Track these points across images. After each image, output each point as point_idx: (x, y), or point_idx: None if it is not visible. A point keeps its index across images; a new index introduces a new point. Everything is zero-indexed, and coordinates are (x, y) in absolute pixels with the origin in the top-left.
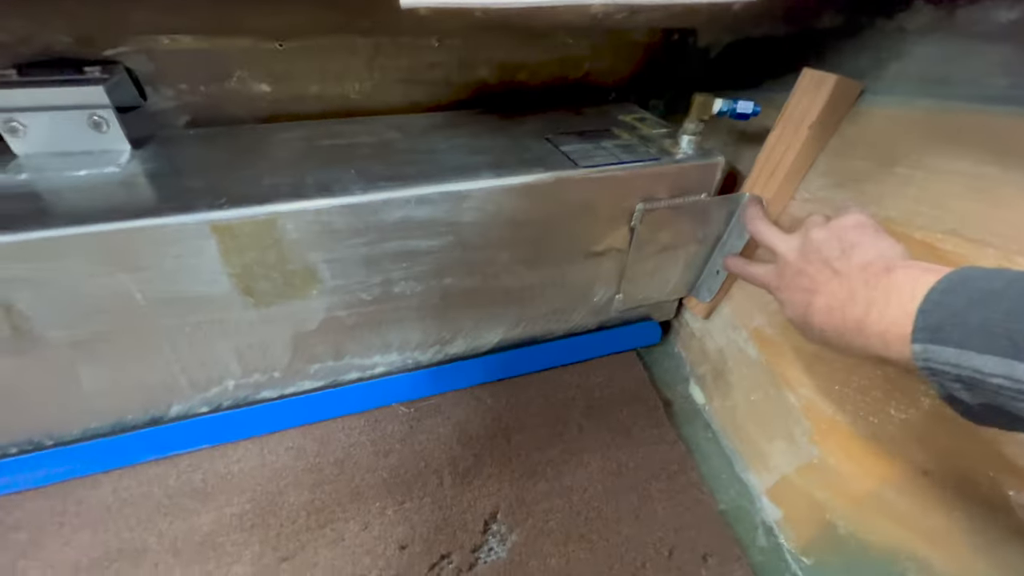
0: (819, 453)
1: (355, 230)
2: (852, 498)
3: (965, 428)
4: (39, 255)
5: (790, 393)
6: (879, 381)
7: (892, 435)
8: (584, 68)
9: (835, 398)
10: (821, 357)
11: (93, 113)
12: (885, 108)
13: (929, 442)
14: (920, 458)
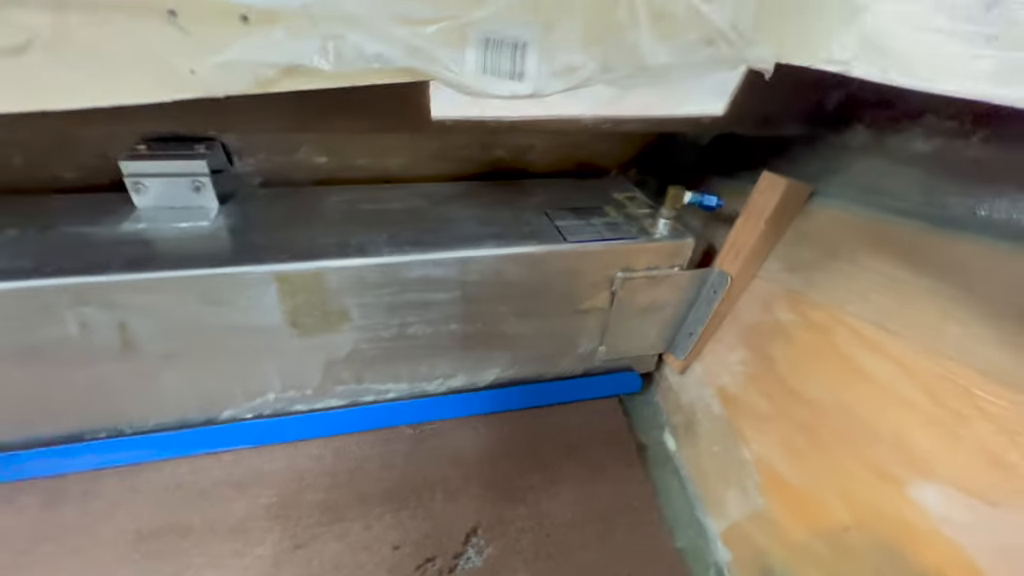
0: (764, 504)
1: (382, 283)
2: (788, 546)
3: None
4: (150, 289)
5: (745, 448)
6: (813, 445)
7: (821, 493)
8: (586, 152)
9: (780, 456)
10: (771, 419)
11: (195, 180)
12: (830, 209)
13: (850, 502)
14: (842, 515)
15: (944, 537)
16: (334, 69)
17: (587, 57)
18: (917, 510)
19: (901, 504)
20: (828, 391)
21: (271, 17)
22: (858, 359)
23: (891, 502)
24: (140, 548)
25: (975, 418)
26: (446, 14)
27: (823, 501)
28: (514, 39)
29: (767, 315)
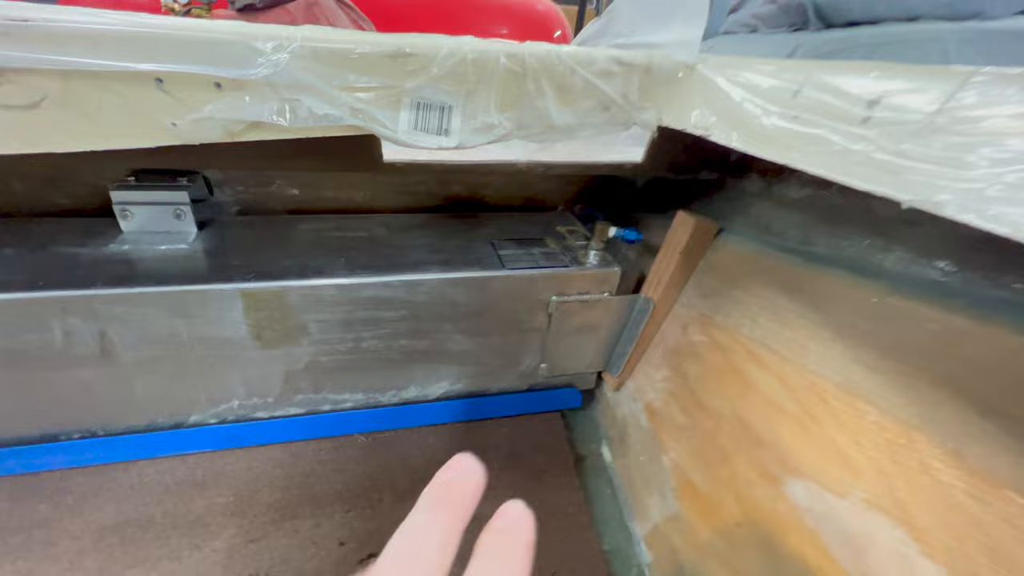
0: (679, 507)
1: (337, 301)
2: (695, 545)
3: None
4: (129, 302)
5: (664, 456)
6: (716, 453)
7: (721, 495)
8: (534, 190)
9: (691, 463)
10: (685, 429)
11: (177, 208)
12: (732, 245)
13: (741, 500)
14: (735, 513)
15: (806, 526)
16: (290, 125)
17: (503, 118)
18: (788, 504)
19: (777, 499)
20: (727, 403)
21: (239, 85)
22: (749, 374)
23: (769, 498)
24: (104, 540)
25: (830, 423)
26: (383, 84)
27: (722, 501)
28: (440, 103)
29: (684, 337)
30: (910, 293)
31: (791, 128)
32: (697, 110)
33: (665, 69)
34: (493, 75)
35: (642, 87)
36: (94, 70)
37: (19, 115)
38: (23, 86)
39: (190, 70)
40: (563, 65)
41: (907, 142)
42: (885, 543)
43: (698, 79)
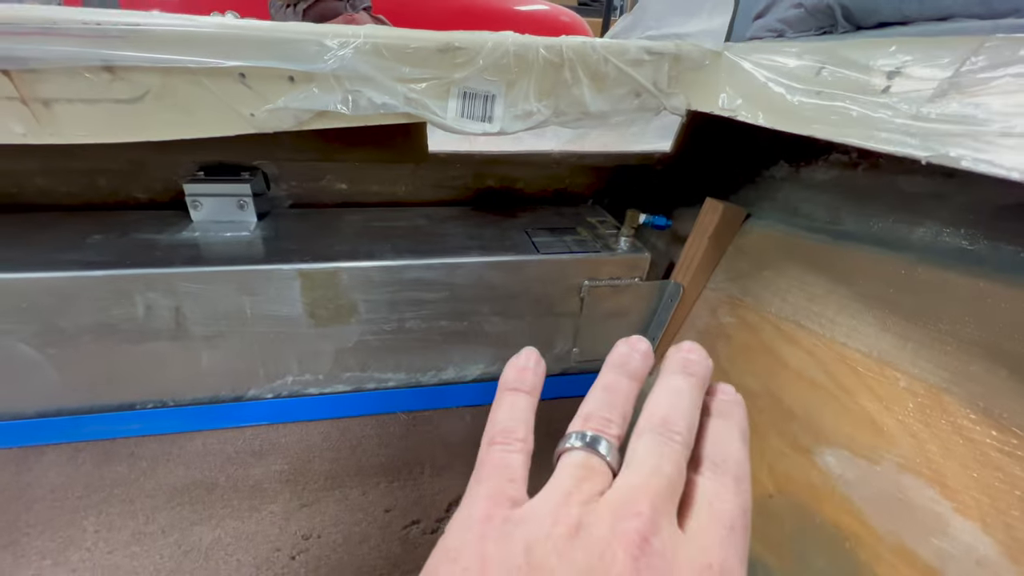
0: None
1: (384, 283)
2: None
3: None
4: (200, 280)
5: None
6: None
7: (753, 469)
8: (565, 182)
9: None
10: None
11: (240, 199)
12: (760, 228)
13: (773, 473)
14: (768, 486)
15: (840, 493)
16: (352, 113)
17: (541, 105)
18: (820, 473)
19: (810, 469)
20: (758, 380)
21: (309, 78)
22: (779, 351)
23: (802, 469)
24: (175, 499)
25: (861, 392)
26: (434, 75)
27: (755, 475)
28: (485, 92)
29: (713, 319)
30: (937, 262)
31: (816, 103)
32: (724, 93)
33: (693, 56)
34: (533, 66)
35: (671, 74)
36: (189, 67)
37: (126, 107)
38: (130, 82)
39: (268, 65)
40: (597, 55)
41: (925, 106)
42: (919, 503)
43: (725, 64)
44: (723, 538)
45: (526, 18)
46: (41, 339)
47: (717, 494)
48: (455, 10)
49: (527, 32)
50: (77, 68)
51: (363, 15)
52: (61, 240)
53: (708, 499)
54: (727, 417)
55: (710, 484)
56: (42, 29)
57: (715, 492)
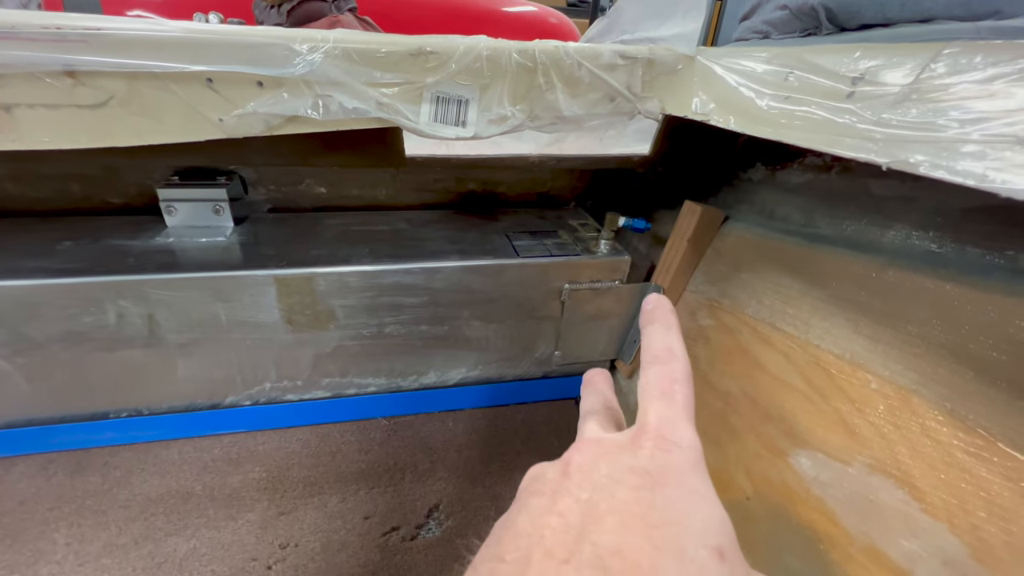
0: None
1: (362, 287)
2: None
3: (776, 463)
4: (174, 287)
5: None
6: (726, 431)
7: (731, 471)
8: (547, 186)
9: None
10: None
11: (216, 204)
12: (738, 231)
13: (751, 475)
14: (745, 488)
15: (814, 495)
16: (323, 118)
17: (515, 110)
18: (795, 475)
19: (785, 471)
20: (736, 382)
21: (279, 83)
22: (756, 353)
23: (778, 471)
24: (149, 509)
25: (834, 394)
26: (406, 80)
27: (732, 478)
28: (458, 96)
29: (693, 322)
30: (906, 265)
31: (783, 108)
32: (697, 98)
33: (666, 61)
34: (506, 70)
35: (645, 78)
36: (155, 72)
37: (89, 113)
38: (93, 87)
39: (236, 70)
40: (570, 60)
41: (887, 112)
42: (889, 504)
43: (698, 69)
44: (657, 403)
45: (514, 20)
46: (8, 348)
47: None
48: (442, 12)
49: (515, 34)
50: (38, 73)
51: (348, 16)
52: (30, 247)
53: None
54: (650, 322)
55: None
56: (1, 33)
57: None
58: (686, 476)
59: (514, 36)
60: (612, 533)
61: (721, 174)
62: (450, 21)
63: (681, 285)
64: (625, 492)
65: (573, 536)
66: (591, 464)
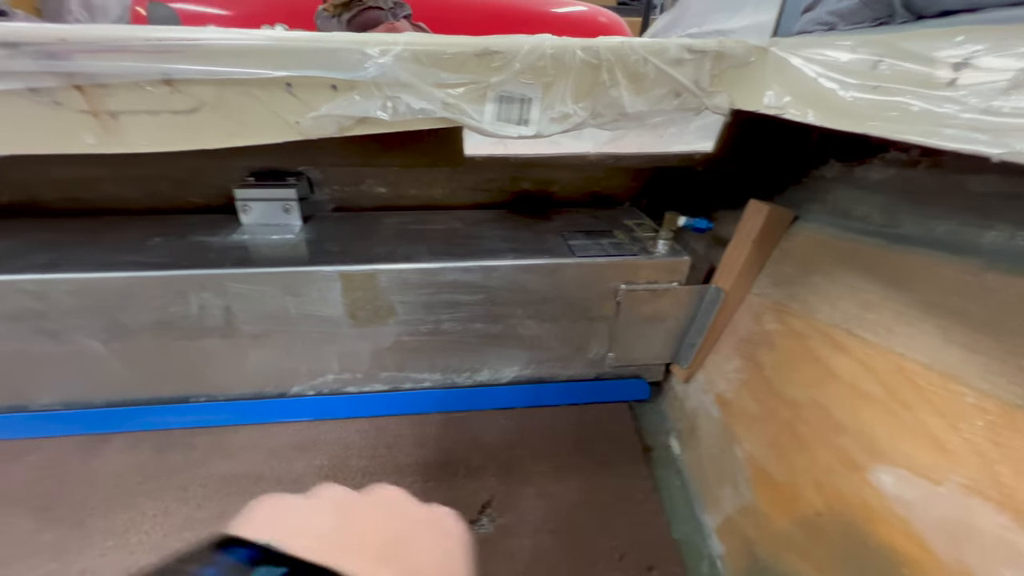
0: (753, 497)
1: (421, 285)
2: (771, 536)
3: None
4: (249, 281)
5: (738, 447)
6: (794, 442)
7: (799, 484)
8: (601, 185)
9: (766, 453)
10: (760, 419)
11: (286, 203)
12: (808, 231)
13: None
14: (815, 502)
15: (896, 514)
16: (391, 119)
17: (578, 107)
18: (875, 492)
19: (863, 488)
20: (805, 391)
21: (351, 86)
22: (829, 360)
23: (854, 487)
24: (224, 488)
25: (921, 407)
26: (471, 80)
27: (800, 491)
28: (521, 95)
29: (757, 326)
30: (1009, 268)
31: (871, 99)
32: (770, 91)
33: (737, 53)
34: (570, 68)
35: (713, 72)
36: (240, 78)
37: (183, 118)
38: (188, 95)
39: (313, 74)
40: (636, 55)
41: (997, 99)
42: (987, 529)
43: (771, 61)
44: None
45: (563, 20)
46: (106, 334)
47: None
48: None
49: (565, 34)
50: (140, 82)
51: (404, 23)
52: (125, 242)
53: None
54: None
55: None
56: (110, 47)
57: None
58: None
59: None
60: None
61: (789, 171)
62: (497, 23)
63: (744, 287)
64: (429, 538)
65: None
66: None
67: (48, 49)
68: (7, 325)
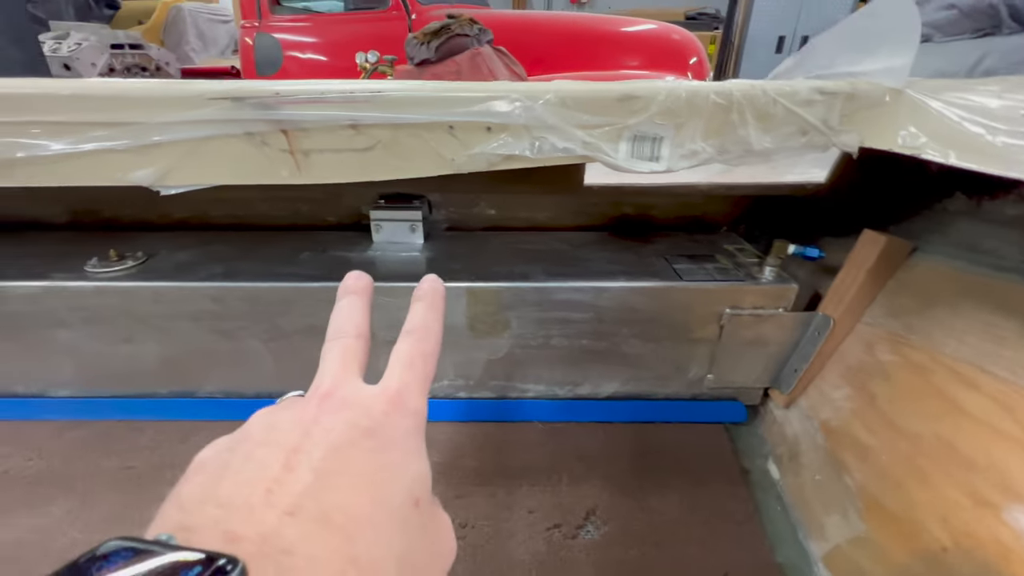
0: (865, 528)
1: (536, 302)
2: (889, 569)
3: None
4: (388, 293)
5: (847, 476)
6: (914, 475)
7: (921, 518)
8: (699, 210)
9: (881, 484)
10: (873, 450)
11: (412, 224)
12: (929, 264)
13: (948, 525)
14: (941, 538)
15: None
16: (534, 156)
17: (706, 145)
18: (1011, 531)
19: (997, 527)
20: (927, 424)
21: (503, 128)
22: (955, 395)
23: (986, 524)
24: None
25: None
26: (608, 122)
27: (923, 525)
28: (653, 135)
29: (869, 356)
30: None
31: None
32: (905, 131)
33: (870, 94)
34: (702, 109)
35: (843, 112)
36: (414, 122)
37: (360, 155)
38: (367, 135)
39: (473, 119)
40: (766, 97)
41: None
42: None
43: (906, 102)
44: (402, 370)
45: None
46: (267, 335)
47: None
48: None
49: (636, 53)
50: (333, 126)
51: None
52: (279, 255)
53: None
54: (419, 299)
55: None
56: (314, 98)
57: (401, 348)
58: (409, 439)
59: (635, 55)
60: (340, 491)
61: (906, 202)
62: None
63: (855, 317)
64: (358, 455)
65: (300, 492)
66: (334, 427)
67: (266, 101)
68: (189, 324)
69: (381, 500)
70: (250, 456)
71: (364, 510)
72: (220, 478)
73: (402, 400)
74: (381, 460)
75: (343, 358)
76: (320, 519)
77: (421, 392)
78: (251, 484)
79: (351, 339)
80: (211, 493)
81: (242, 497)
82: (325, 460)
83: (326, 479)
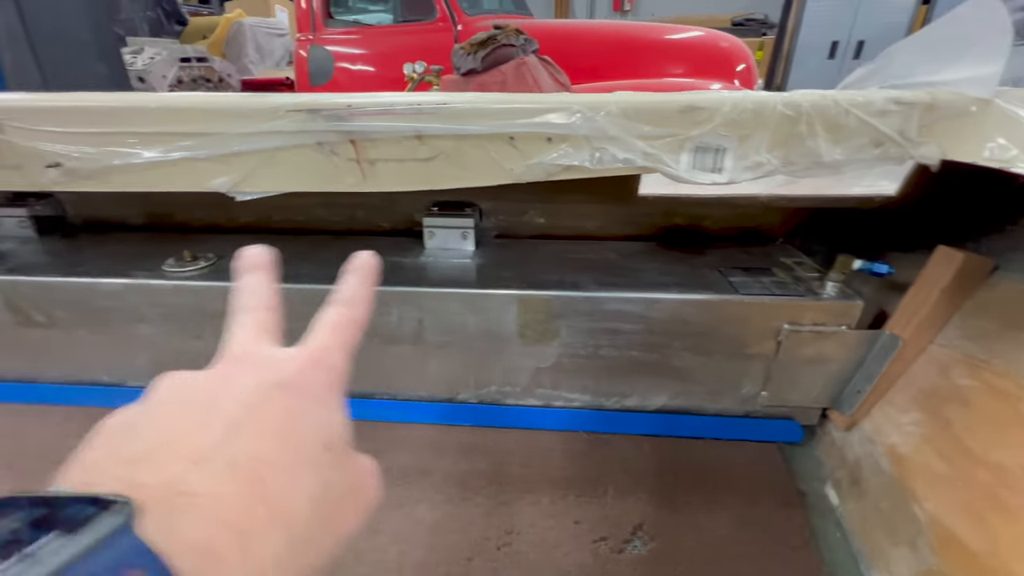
0: (937, 562)
1: (587, 311)
2: None
3: None
4: (441, 298)
5: (916, 506)
6: (997, 509)
7: (1004, 556)
8: (755, 221)
9: (957, 516)
10: (948, 480)
11: (464, 231)
12: (1012, 283)
13: None
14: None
15: None
16: (594, 167)
17: (771, 156)
18: None
19: None
20: (1012, 456)
21: (563, 139)
22: None
23: None
24: (401, 479)
25: None
26: (671, 133)
27: (1007, 564)
28: (716, 146)
29: (944, 380)
30: None
31: None
32: (993, 143)
33: (953, 105)
34: (768, 121)
35: (922, 123)
36: (476, 134)
37: (423, 164)
38: (431, 146)
39: (533, 130)
40: (837, 108)
41: None
42: None
43: (995, 112)
44: (324, 334)
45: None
46: None
47: (326, 314)
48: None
49: (683, 61)
50: (398, 137)
51: (532, 58)
52: (338, 259)
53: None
54: (352, 271)
55: (326, 310)
56: (382, 111)
57: (326, 313)
58: (323, 391)
59: (680, 63)
60: (249, 439)
61: (986, 218)
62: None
63: (926, 337)
64: (268, 407)
65: (208, 445)
66: (245, 384)
67: (338, 113)
68: None
69: (290, 444)
70: (158, 417)
71: (273, 455)
72: (127, 439)
73: (319, 359)
74: (291, 408)
75: (254, 327)
76: (228, 464)
77: (343, 351)
78: (159, 442)
79: (261, 311)
80: (116, 454)
81: (148, 454)
82: (234, 415)
83: (235, 431)
